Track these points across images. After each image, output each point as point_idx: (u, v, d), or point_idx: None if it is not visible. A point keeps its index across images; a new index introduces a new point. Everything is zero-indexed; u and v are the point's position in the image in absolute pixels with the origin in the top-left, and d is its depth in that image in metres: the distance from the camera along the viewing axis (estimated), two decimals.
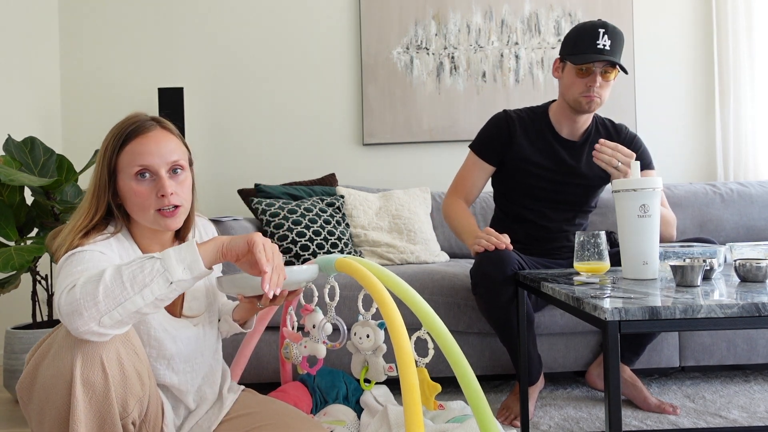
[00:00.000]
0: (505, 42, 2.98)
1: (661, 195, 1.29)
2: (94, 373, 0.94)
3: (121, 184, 1.10)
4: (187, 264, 0.94)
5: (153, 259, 0.93)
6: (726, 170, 2.93)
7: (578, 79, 1.74)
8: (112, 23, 3.01)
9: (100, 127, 2.99)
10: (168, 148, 1.10)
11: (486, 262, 1.63)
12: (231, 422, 1.22)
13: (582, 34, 1.73)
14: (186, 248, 0.95)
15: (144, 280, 0.91)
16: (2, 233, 2.07)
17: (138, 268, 0.92)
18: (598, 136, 1.87)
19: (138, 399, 1.00)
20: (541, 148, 1.87)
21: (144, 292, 0.90)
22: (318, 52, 3.02)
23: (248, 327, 1.37)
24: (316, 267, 1.19)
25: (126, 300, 0.90)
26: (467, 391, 1.10)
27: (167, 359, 1.14)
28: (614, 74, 1.74)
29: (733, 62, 2.88)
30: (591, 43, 1.70)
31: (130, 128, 1.10)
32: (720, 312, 0.95)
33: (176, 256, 0.94)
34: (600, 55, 1.68)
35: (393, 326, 1.05)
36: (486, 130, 1.92)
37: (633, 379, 1.86)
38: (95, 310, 0.88)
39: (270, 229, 2.32)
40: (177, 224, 1.13)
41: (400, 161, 3.02)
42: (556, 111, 1.88)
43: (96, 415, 0.95)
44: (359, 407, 1.70)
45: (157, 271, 0.92)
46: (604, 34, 1.69)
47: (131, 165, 1.08)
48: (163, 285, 0.92)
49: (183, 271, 0.93)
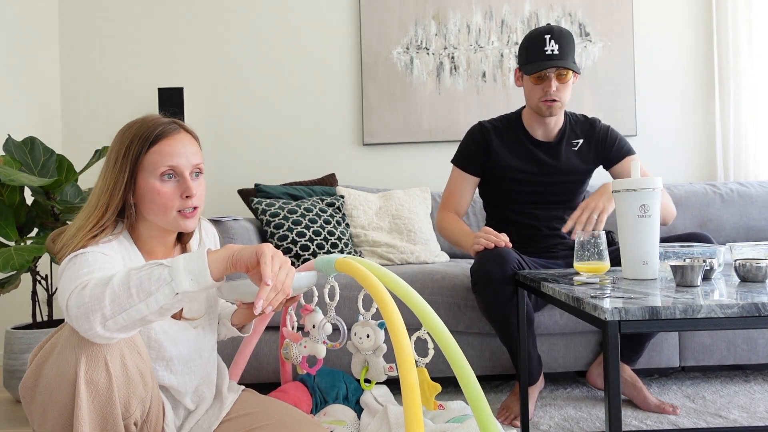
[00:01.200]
0: (505, 42, 2.98)
1: (660, 195, 1.30)
2: (98, 373, 0.94)
3: (142, 184, 1.11)
4: (194, 275, 0.92)
5: (161, 266, 0.91)
6: (726, 170, 2.93)
7: (535, 87, 1.81)
8: (112, 23, 3.01)
9: (100, 127, 3.00)
10: (192, 151, 1.14)
11: (486, 261, 1.64)
12: (231, 422, 1.22)
13: (531, 42, 1.80)
14: (196, 258, 0.93)
15: (150, 288, 0.90)
16: (2, 233, 2.07)
17: (146, 274, 0.91)
18: (573, 133, 1.93)
19: (141, 400, 1.00)
20: (519, 154, 1.91)
21: (149, 300, 0.89)
22: (318, 52, 3.02)
23: (246, 332, 1.38)
24: (314, 274, 1.19)
25: (131, 307, 0.89)
26: (467, 391, 1.10)
27: (166, 361, 1.15)
28: (569, 76, 1.79)
29: (733, 62, 2.88)
30: (540, 50, 1.77)
31: (157, 129, 1.11)
32: (720, 312, 0.95)
33: (185, 265, 0.92)
34: (549, 61, 1.75)
35: (393, 326, 1.05)
36: (464, 144, 1.98)
37: (633, 379, 1.86)
38: (101, 315, 0.88)
39: (270, 229, 2.32)
40: (194, 225, 1.15)
41: (400, 161, 3.02)
42: (528, 116, 1.94)
43: (99, 415, 0.95)
44: (359, 407, 1.70)
45: (164, 280, 0.90)
46: (550, 39, 1.76)
47: (158, 165, 1.09)
48: (169, 294, 0.90)
49: (190, 282, 0.91)
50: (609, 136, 1.92)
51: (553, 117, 1.86)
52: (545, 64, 1.74)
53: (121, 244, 1.13)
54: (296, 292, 1.18)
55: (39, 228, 2.22)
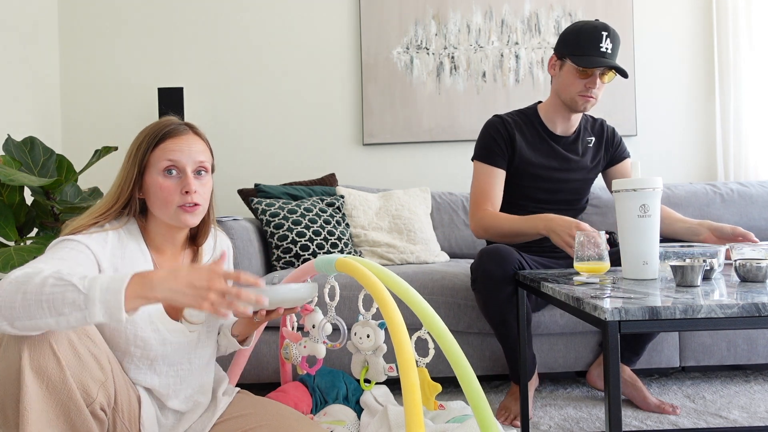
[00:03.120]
0: (505, 42, 2.98)
1: (660, 195, 1.30)
2: (46, 359, 0.93)
3: (148, 180, 1.15)
4: (108, 309, 0.89)
5: (77, 291, 0.89)
6: (726, 170, 2.93)
7: (578, 80, 1.77)
8: (112, 23, 3.01)
9: (100, 127, 3.00)
10: (197, 149, 1.18)
11: (487, 259, 1.64)
12: (226, 424, 1.21)
13: (585, 35, 1.74)
14: (114, 291, 0.90)
15: (62, 309, 0.88)
16: (2, 233, 2.07)
17: (60, 293, 0.88)
18: (586, 131, 1.95)
19: (100, 383, 0.99)
20: (540, 149, 1.88)
21: (59, 319, 0.89)
22: (318, 52, 3.02)
23: (247, 344, 1.36)
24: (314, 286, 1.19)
25: (39, 318, 0.88)
26: (467, 391, 1.10)
27: (150, 360, 1.14)
28: (611, 77, 1.77)
29: (733, 62, 2.88)
30: (595, 45, 1.72)
31: (165, 129, 1.17)
32: (720, 312, 0.95)
33: (101, 297, 0.89)
34: (605, 59, 1.72)
35: (393, 326, 1.05)
36: (486, 138, 1.88)
37: (633, 379, 1.86)
38: (9, 313, 0.88)
39: (270, 229, 2.32)
40: (195, 221, 1.17)
41: (400, 161, 3.02)
42: (548, 109, 1.90)
43: (57, 402, 0.94)
44: (359, 407, 1.70)
45: (78, 307, 0.88)
46: (607, 37, 1.73)
47: (161, 160, 1.14)
48: (79, 319, 0.89)
49: (103, 315, 0.89)
50: (615, 137, 1.98)
51: (580, 113, 1.86)
52: (602, 61, 1.71)
53: (120, 238, 1.14)
54: (295, 303, 1.18)
55: (39, 228, 2.22)
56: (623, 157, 1.96)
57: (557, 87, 1.84)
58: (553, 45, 2.96)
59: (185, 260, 1.26)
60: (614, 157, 1.96)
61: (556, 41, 1.87)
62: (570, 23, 2.96)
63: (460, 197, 2.74)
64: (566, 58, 1.78)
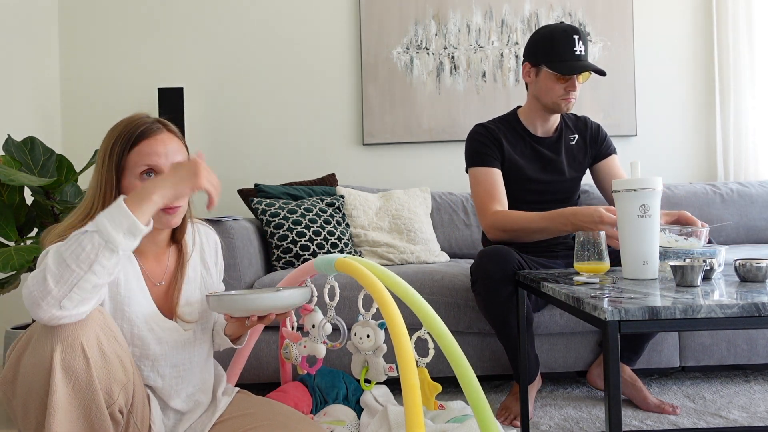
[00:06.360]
0: (505, 42, 2.98)
1: (660, 195, 1.30)
2: (75, 359, 0.93)
3: (126, 183, 1.13)
4: (125, 229, 0.95)
5: (88, 234, 0.93)
6: (726, 170, 2.93)
7: (558, 85, 1.80)
8: (111, 23, 3.01)
9: (100, 127, 2.99)
10: (173, 149, 1.15)
11: (486, 260, 1.64)
12: (225, 423, 1.22)
13: (557, 40, 1.77)
14: (117, 212, 0.95)
15: (89, 258, 0.91)
16: (2, 233, 2.07)
17: (77, 246, 0.92)
18: (568, 129, 1.96)
19: (122, 385, 1.00)
20: (525, 152, 1.91)
21: (94, 268, 0.91)
22: (318, 52, 3.02)
23: (240, 343, 1.37)
24: (307, 291, 1.20)
25: (79, 280, 0.90)
26: (467, 391, 1.10)
27: (151, 360, 1.14)
28: (586, 76, 1.81)
29: (733, 62, 2.88)
30: (569, 50, 1.75)
31: (139, 130, 1.13)
32: (720, 312, 0.95)
33: (111, 223, 0.94)
34: (581, 62, 1.75)
35: (393, 326, 1.05)
36: (475, 144, 1.90)
37: (633, 378, 1.86)
38: (51, 298, 0.89)
39: (270, 229, 2.32)
40: (177, 222, 1.17)
41: (400, 161, 3.02)
42: (528, 113, 1.93)
43: (80, 402, 0.94)
44: (359, 407, 1.70)
45: (99, 245, 0.92)
46: (579, 39, 1.76)
47: (138, 165, 1.12)
48: (110, 256, 0.93)
49: (125, 238, 0.94)
50: (600, 133, 1.99)
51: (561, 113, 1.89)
52: (580, 65, 1.74)
53: None
54: (287, 309, 1.19)
55: (39, 228, 2.22)
56: (609, 153, 1.96)
57: (536, 92, 1.86)
58: None
59: (171, 259, 1.25)
60: (600, 153, 1.96)
61: (526, 48, 1.87)
62: (570, 23, 2.98)
63: (460, 197, 2.74)
64: (542, 65, 1.80)
